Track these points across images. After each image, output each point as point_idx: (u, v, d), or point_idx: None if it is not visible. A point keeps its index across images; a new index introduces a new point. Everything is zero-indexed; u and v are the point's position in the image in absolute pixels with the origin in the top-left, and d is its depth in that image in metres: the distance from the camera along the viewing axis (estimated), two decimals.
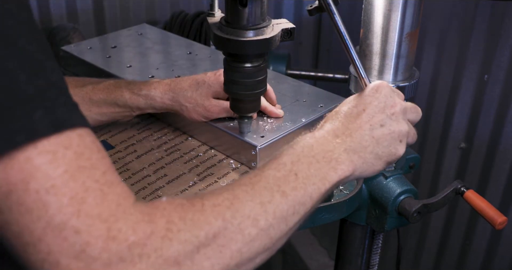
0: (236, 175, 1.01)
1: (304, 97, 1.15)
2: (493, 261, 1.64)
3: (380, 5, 0.95)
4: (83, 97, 1.02)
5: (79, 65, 1.34)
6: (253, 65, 0.92)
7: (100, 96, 1.02)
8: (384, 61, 1.00)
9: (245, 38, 0.88)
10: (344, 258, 1.21)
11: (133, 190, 0.95)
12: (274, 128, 1.05)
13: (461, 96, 1.58)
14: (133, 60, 1.32)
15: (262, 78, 0.95)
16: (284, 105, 1.12)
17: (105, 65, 1.29)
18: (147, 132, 1.13)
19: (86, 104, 1.02)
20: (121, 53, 1.36)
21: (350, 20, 1.96)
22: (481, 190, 1.59)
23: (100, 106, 1.03)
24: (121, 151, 1.07)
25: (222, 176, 1.00)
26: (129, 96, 1.01)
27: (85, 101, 1.02)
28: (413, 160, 1.14)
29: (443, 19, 1.56)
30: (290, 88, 1.19)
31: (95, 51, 1.37)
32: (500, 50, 1.44)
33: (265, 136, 1.02)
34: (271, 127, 1.05)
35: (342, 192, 1.02)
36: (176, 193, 0.96)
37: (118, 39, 1.44)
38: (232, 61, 0.93)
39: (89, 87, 1.03)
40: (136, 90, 1.02)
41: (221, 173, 1.01)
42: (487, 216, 0.99)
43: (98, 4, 1.86)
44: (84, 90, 1.03)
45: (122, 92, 1.02)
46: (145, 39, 1.44)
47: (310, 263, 2.36)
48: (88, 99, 1.02)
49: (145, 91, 1.02)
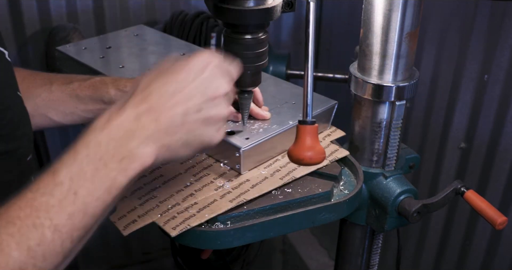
0: (233, 175, 1.01)
1: (294, 99, 1.14)
2: (493, 261, 1.63)
3: (380, 5, 0.95)
4: (70, 94, 1.03)
5: (74, 65, 1.34)
6: (253, 36, 0.91)
7: (86, 93, 1.02)
8: (384, 61, 0.99)
9: (246, 7, 0.85)
10: (344, 258, 1.21)
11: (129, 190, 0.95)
12: (260, 130, 1.04)
13: (461, 96, 1.58)
14: (126, 61, 1.32)
15: (263, 50, 0.93)
16: (272, 107, 1.10)
17: (98, 66, 1.29)
18: None
19: (72, 101, 1.03)
20: (115, 54, 1.37)
21: (350, 20, 1.97)
22: (481, 190, 1.58)
23: (86, 103, 1.02)
24: None
25: (219, 176, 1.00)
26: (115, 92, 1.01)
27: (71, 98, 1.03)
28: (413, 160, 1.14)
29: (443, 19, 1.56)
30: (280, 90, 1.18)
31: (90, 52, 1.37)
32: (500, 50, 1.44)
33: (250, 138, 1.01)
34: (257, 129, 1.04)
35: (342, 192, 1.02)
36: (172, 193, 0.96)
37: (114, 40, 1.45)
38: (231, 32, 0.91)
39: (75, 84, 1.03)
40: (121, 87, 1.02)
41: (218, 173, 1.01)
42: (487, 216, 0.99)
43: (98, 4, 1.86)
44: (70, 86, 1.03)
45: (108, 89, 1.02)
46: (141, 40, 1.45)
47: (310, 263, 2.36)
48: (75, 95, 1.02)
49: (130, 86, 1.01)
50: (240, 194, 0.95)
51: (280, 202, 0.96)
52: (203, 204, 0.93)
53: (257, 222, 0.91)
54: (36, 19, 1.79)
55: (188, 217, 0.90)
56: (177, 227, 0.87)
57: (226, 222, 0.92)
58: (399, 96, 1.01)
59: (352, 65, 1.07)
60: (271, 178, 1.00)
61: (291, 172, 1.02)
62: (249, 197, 0.94)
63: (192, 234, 0.90)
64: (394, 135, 1.05)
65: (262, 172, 1.02)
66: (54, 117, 1.03)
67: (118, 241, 2.29)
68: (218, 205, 0.92)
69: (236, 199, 0.94)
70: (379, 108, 1.03)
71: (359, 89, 1.03)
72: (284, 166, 1.04)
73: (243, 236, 0.91)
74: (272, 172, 1.02)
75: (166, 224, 0.89)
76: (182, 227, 0.87)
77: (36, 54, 1.82)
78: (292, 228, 0.95)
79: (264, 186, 0.98)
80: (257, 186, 0.98)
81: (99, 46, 1.41)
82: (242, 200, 0.93)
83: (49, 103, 1.03)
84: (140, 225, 0.89)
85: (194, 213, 0.90)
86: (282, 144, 1.06)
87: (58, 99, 1.03)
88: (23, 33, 1.80)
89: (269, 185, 0.98)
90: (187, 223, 0.88)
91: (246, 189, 0.96)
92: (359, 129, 1.08)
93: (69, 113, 1.03)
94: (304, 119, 0.85)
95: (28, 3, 1.76)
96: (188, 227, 0.88)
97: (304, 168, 1.02)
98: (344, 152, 1.08)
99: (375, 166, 1.09)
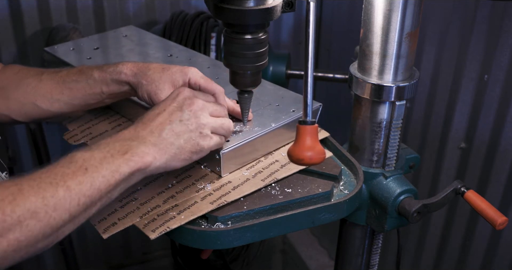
0: (215, 177, 1.00)
1: (278, 101, 1.13)
2: (493, 261, 1.63)
3: (380, 5, 0.95)
4: (58, 80, 1.07)
5: (61, 67, 1.33)
6: (253, 36, 0.91)
7: (72, 77, 1.06)
8: (384, 61, 0.99)
9: (246, 7, 0.86)
10: (344, 258, 1.21)
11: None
12: (241, 133, 1.03)
13: (461, 96, 1.58)
14: (112, 62, 1.32)
15: (263, 50, 0.93)
16: (256, 109, 1.10)
17: None
18: None
19: (59, 86, 1.06)
20: (102, 55, 1.37)
21: (350, 20, 1.97)
22: (481, 190, 1.58)
23: (72, 88, 1.05)
24: None
25: (200, 178, 1.00)
26: (98, 74, 1.04)
27: (59, 84, 1.06)
28: (413, 160, 1.14)
29: (443, 19, 1.56)
30: (265, 91, 1.17)
31: (77, 53, 1.37)
32: (500, 50, 1.44)
33: (230, 140, 1.00)
34: (238, 131, 1.03)
35: (342, 192, 1.02)
36: (153, 195, 0.96)
37: (102, 41, 1.45)
38: (231, 32, 0.91)
39: (64, 71, 1.08)
40: (105, 68, 1.05)
41: (199, 175, 1.01)
42: (487, 216, 0.99)
43: (98, 4, 1.86)
44: (59, 74, 1.08)
45: (93, 72, 1.05)
46: (129, 40, 1.44)
47: (310, 263, 2.37)
48: (62, 81, 1.06)
49: (112, 67, 1.04)
50: (221, 196, 0.95)
51: (280, 202, 0.96)
52: (183, 206, 0.93)
53: (257, 222, 0.91)
54: (36, 19, 1.79)
55: (168, 219, 0.89)
56: (157, 229, 0.88)
57: (226, 222, 0.92)
58: (399, 96, 1.01)
59: (352, 65, 1.07)
60: (252, 179, 1.00)
61: (273, 173, 1.01)
62: (230, 199, 0.94)
63: (192, 234, 0.90)
64: (394, 135, 1.05)
65: (244, 173, 1.02)
66: (42, 104, 1.07)
67: (117, 241, 2.29)
68: (199, 207, 0.92)
69: (217, 201, 0.94)
70: (379, 108, 1.03)
71: (359, 89, 1.03)
72: (267, 167, 1.03)
73: (243, 236, 0.91)
74: (254, 174, 1.01)
75: (145, 226, 0.89)
76: (162, 230, 0.88)
77: (36, 54, 1.82)
78: (292, 228, 0.95)
79: (245, 187, 0.97)
80: (239, 187, 0.97)
81: (87, 46, 1.41)
82: (223, 202, 0.93)
83: (37, 91, 1.07)
84: (120, 228, 0.90)
85: (174, 215, 0.90)
86: (264, 146, 1.05)
87: (46, 86, 1.07)
88: (23, 33, 1.80)
89: (251, 186, 0.98)
90: (167, 226, 0.88)
91: (227, 191, 0.96)
92: (359, 129, 1.08)
93: (56, 100, 1.06)
94: (304, 119, 0.85)
95: (28, 3, 1.76)
96: (168, 229, 0.88)
97: (286, 170, 1.02)
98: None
99: (375, 166, 1.09)
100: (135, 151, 0.82)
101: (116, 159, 0.81)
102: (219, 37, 1.69)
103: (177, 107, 0.90)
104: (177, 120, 0.88)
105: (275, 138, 1.07)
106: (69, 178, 0.76)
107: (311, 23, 0.83)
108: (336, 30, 2.06)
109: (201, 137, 0.89)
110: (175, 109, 0.89)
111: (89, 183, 0.78)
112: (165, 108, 0.90)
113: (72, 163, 0.79)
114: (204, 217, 0.92)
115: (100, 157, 0.80)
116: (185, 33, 1.71)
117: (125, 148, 0.82)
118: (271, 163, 1.04)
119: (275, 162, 1.04)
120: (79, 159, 0.79)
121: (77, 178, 0.77)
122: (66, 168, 0.78)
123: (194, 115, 0.89)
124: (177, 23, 1.75)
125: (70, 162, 0.79)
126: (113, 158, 0.81)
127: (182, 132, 0.88)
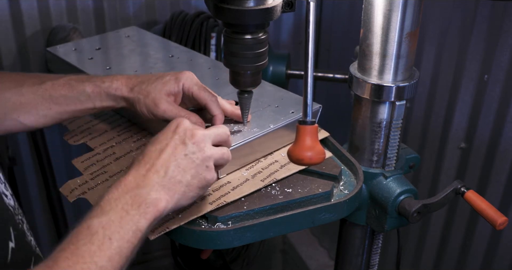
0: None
1: (277, 102, 1.13)
2: (493, 261, 1.63)
3: (380, 5, 0.95)
4: (43, 95, 1.00)
5: (63, 67, 1.34)
6: (253, 36, 0.91)
7: (61, 92, 1.00)
8: (384, 61, 1.00)
9: (246, 7, 0.86)
10: (344, 258, 1.21)
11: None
12: (239, 134, 1.03)
13: (461, 96, 1.57)
14: (114, 62, 1.32)
15: (263, 51, 0.93)
16: (255, 110, 1.10)
17: (85, 67, 1.29)
18: (127, 134, 1.13)
19: (46, 102, 1.00)
20: (103, 55, 1.36)
21: (350, 20, 1.97)
22: (481, 190, 1.58)
23: (61, 104, 1.00)
24: (100, 154, 1.07)
25: None
26: (92, 89, 1.00)
27: (44, 99, 1.00)
28: (413, 160, 1.14)
29: (443, 19, 1.56)
30: (264, 93, 1.17)
31: (79, 53, 1.37)
32: (500, 50, 1.44)
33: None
34: (237, 132, 1.03)
35: (342, 192, 1.02)
36: None
37: (104, 41, 1.45)
38: (231, 32, 0.91)
39: (48, 83, 1.01)
40: (98, 83, 1.01)
41: None
42: (487, 216, 0.99)
43: (98, 4, 1.86)
44: (43, 87, 1.00)
45: (85, 86, 1.00)
46: (131, 41, 1.45)
47: (310, 263, 2.36)
48: (48, 96, 1.00)
49: (107, 83, 1.01)
50: (220, 196, 0.95)
51: (280, 202, 0.96)
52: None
53: (257, 222, 0.91)
54: (36, 19, 1.79)
55: (167, 219, 0.89)
56: (156, 230, 0.87)
57: (226, 222, 0.92)
58: (399, 96, 1.01)
59: (352, 65, 1.07)
60: (252, 180, 1.00)
61: (273, 173, 1.01)
62: (229, 200, 0.94)
63: (192, 234, 0.90)
64: (394, 135, 1.05)
65: (244, 174, 1.02)
66: (26, 121, 1.01)
67: None
68: (198, 207, 0.92)
69: (216, 201, 0.93)
70: (379, 108, 1.03)
71: (359, 89, 1.03)
72: (266, 167, 1.03)
73: (243, 236, 0.91)
74: (254, 174, 1.01)
75: None
76: (161, 230, 0.87)
77: (36, 54, 1.82)
78: (292, 228, 0.95)
79: (245, 188, 0.97)
80: (238, 188, 0.97)
81: (89, 47, 1.41)
82: (222, 202, 0.93)
83: (19, 107, 1.00)
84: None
85: (173, 215, 0.90)
86: (262, 147, 1.05)
87: (29, 101, 1.00)
88: (23, 33, 1.80)
89: (250, 187, 0.98)
90: (166, 226, 0.88)
91: (227, 191, 0.96)
92: (359, 129, 1.08)
93: (42, 115, 1.01)
94: (304, 119, 0.85)
95: (28, 3, 1.76)
96: (167, 230, 0.88)
97: (286, 170, 1.02)
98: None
99: (375, 166, 1.10)
100: (148, 201, 0.78)
101: (133, 216, 0.76)
102: (219, 37, 1.69)
103: (179, 140, 0.84)
104: (182, 155, 0.83)
105: (274, 140, 1.07)
106: (98, 257, 0.72)
107: (311, 23, 0.83)
108: (336, 30, 2.06)
109: (207, 170, 0.85)
110: (178, 142, 0.84)
111: (117, 255, 0.74)
112: (167, 142, 0.84)
113: (94, 236, 0.73)
114: (204, 217, 0.92)
115: (117, 219, 0.75)
116: (185, 33, 1.71)
117: (137, 200, 0.78)
118: (271, 164, 1.04)
119: (274, 163, 1.05)
120: (99, 229, 0.74)
121: (106, 254, 0.72)
122: (90, 244, 0.73)
123: (198, 147, 0.84)
124: (177, 23, 1.75)
125: (92, 234, 0.73)
126: (130, 216, 0.76)
127: (188, 168, 0.82)
